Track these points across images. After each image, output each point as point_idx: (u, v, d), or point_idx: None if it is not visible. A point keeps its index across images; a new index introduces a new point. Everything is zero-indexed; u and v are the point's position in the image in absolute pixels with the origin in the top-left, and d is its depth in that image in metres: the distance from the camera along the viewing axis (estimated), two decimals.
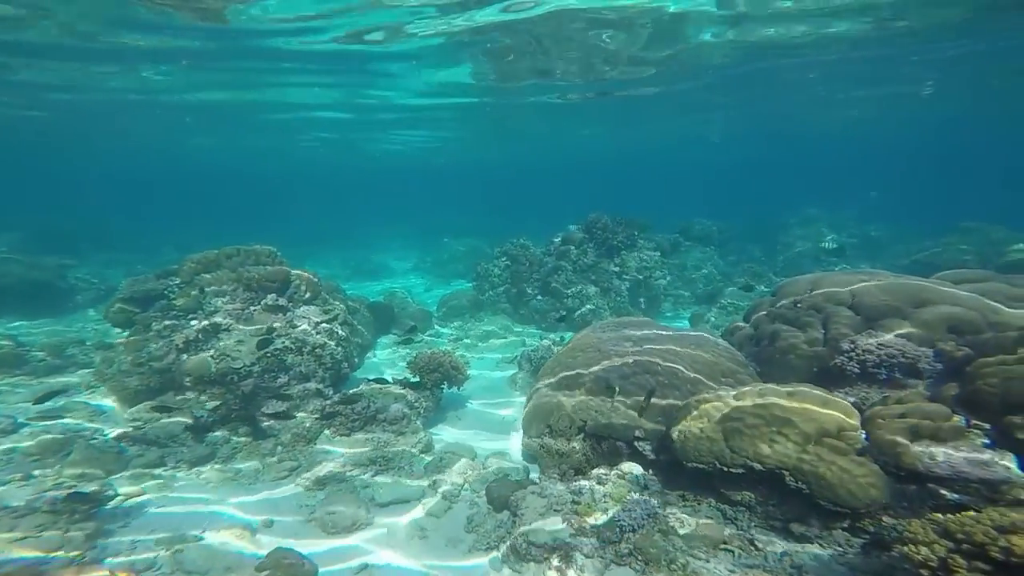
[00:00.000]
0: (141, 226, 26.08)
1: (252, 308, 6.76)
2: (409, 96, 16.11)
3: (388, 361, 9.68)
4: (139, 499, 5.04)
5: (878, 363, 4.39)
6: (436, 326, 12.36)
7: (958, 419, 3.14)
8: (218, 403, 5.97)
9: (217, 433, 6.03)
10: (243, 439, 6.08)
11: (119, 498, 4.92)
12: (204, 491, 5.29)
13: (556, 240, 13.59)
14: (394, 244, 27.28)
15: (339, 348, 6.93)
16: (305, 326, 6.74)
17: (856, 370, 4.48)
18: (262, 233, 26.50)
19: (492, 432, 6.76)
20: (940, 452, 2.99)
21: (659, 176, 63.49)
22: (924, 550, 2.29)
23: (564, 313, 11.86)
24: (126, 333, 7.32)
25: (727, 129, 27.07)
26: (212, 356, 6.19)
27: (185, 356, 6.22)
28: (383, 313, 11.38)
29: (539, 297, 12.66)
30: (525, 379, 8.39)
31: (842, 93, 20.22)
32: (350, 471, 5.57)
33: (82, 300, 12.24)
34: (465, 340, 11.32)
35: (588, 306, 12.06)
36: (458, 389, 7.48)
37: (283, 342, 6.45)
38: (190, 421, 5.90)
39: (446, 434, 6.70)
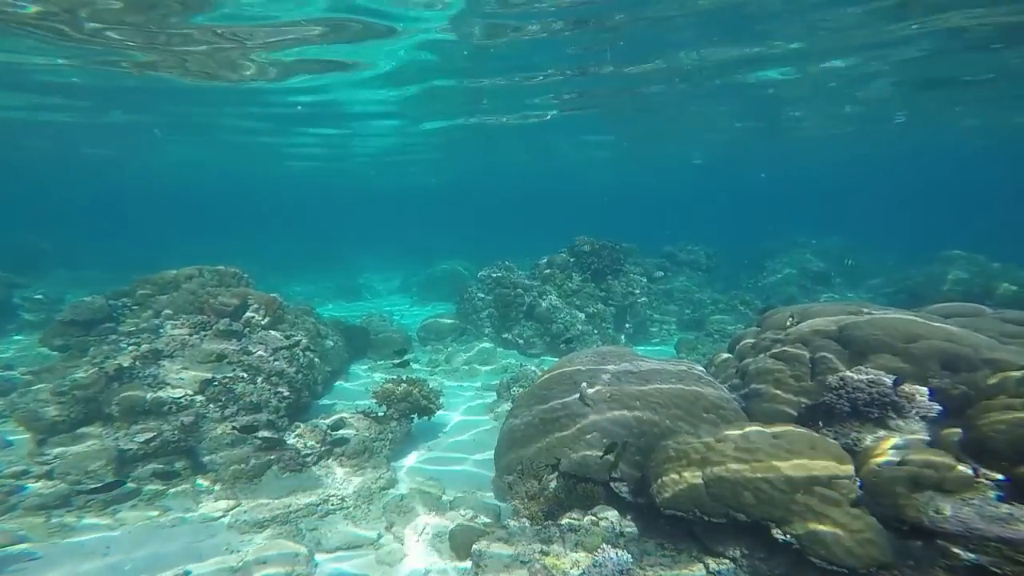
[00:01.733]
0: (118, 245, 25.44)
1: (203, 333, 6.30)
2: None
3: (361, 388, 9.18)
4: (10, 551, 4.32)
5: (869, 401, 4.09)
6: (415, 350, 11.91)
7: (964, 468, 2.83)
8: (151, 435, 5.43)
9: (148, 467, 5.47)
10: (179, 473, 5.53)
11: None
12: (108, 538, 4.64)
13: (541, 263, 13.36)
14: (380, 265, 26.92)
15: (299, 376, 6.47)
16: (261, 352, 6.29)
17: (847, 408, 4.17)
18: (245, 254, 26.05)
19: (465, 466, 6.30)
20: (947, 506, 2.66)
21: (647, 202, 64.42)
22: None
23: (570, 336, 11.51)
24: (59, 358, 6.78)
25: (711, 151, 27.50)
26: (149, 385, 5.69)
27: (116, 384, 5.70)
28: (358, 337, 10.92)
29: (523, 322, 12.32)
30: (504, 407, 7.96)
31: (821, 130, 20.73)
32: (295, 511, 5.06)
33: (30, 320, 11.55)
34: (444, 365, 10.88)
35: (573, 332, 11.74)
36: (429, 419, 7.03)
37: (233, 370, 5.99)
38: (113, 454, 5.33)
39: (414, 469, 6.22)
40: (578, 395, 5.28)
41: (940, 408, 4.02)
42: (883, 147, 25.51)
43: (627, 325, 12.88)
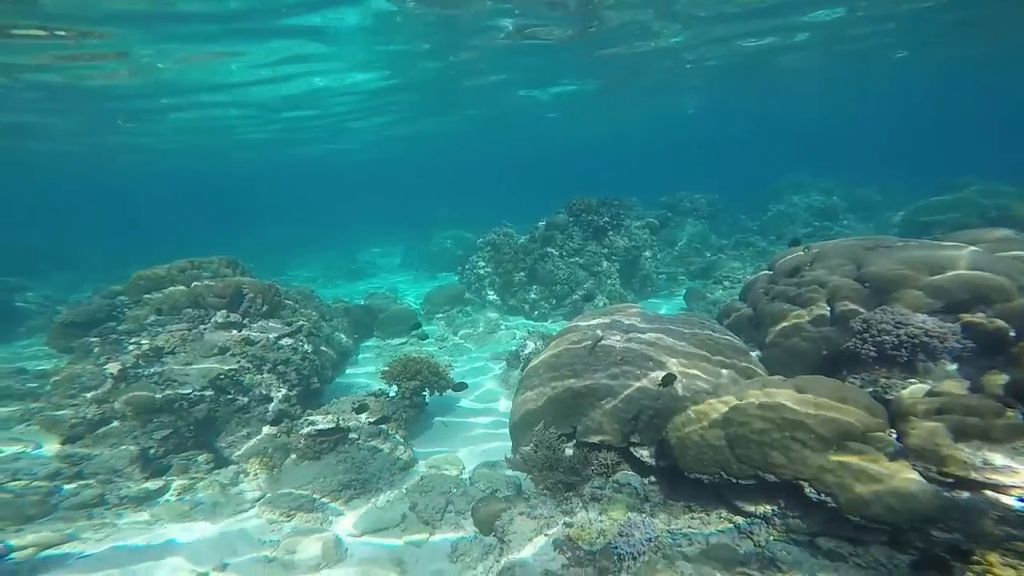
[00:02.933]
0: (111, 243, 25.15)
1: (202, 327, 6.15)
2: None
3: (371, 368, 9.13)
4: (61, 549, 4.46)
5: (897, 344, 3.88)
6: (423, 325, 11.80)
7: (1012, 413, 2.65)
8: (167, 432, 5.40)
9: (171, 464, 5.49)
10: (201, 469, 5.54)
11: (28, 551, 4.35)
12: (149, 532, 4.75)
13: (540, 226, 12.99)
14: (379, 241, 26.60)
15: (305, 363, 6.35)
16: (263, 342, 6.15)
17: (872, 353, 3.97)
18: (240, 241, 25.70)
19: (481, 440, 6.27)
20: (997, 456, 2.50)
21: (644, 154, 62.65)
22: None
23: (583, 294, 11.34)
24: (66, 361, 6.70)
25: (704, 100, 26.29)
26: (156, 383, 5.60)
27: (123, 385, 5.63)
28: (364, 317, 10.79)
29: (527, 286, 12.12)
30: (515, 376, 7.88)
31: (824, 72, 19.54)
32: (320, 498, 5.05)
33: (36, 324, 11.50)
34: (452, 337, 10.79)
35: (579, 292, 11.55)
36: (440, 395, 6.96)
37: (238, 361, 5.87)
38: (136, 453, 5.33)
39: (430, 447, 6.19)
40: (589, 360, 5.13)
41: (974, 346, 3.82)
42: (885, 78, 24.22)
43: (633, 280, 12.65)
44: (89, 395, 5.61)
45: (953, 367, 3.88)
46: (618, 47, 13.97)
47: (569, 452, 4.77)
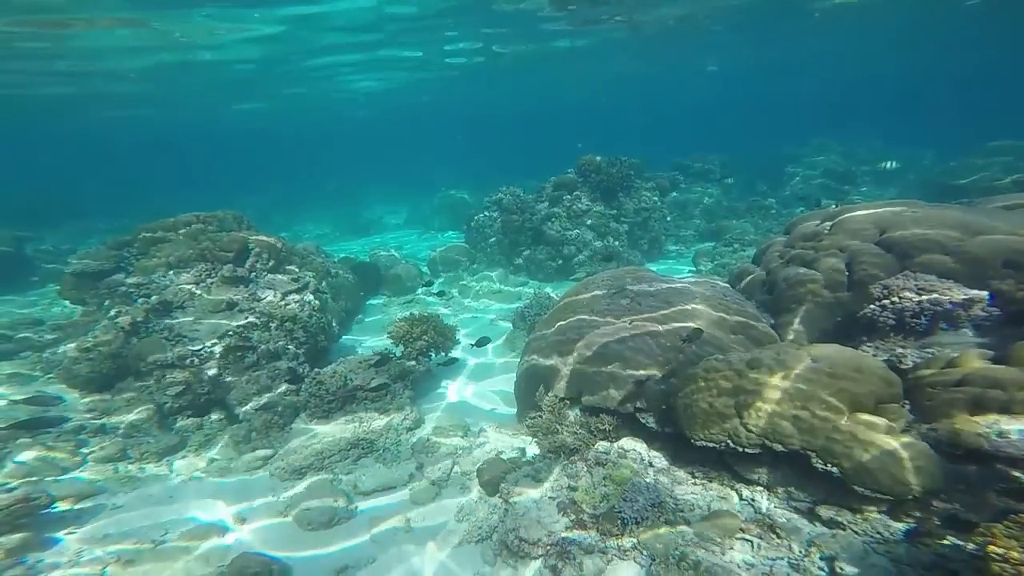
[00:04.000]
0: (120, 191, 24.97)
1: (209, 281, 6.11)
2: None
3: (377, 325, 9.13)
4: (93, 500, 4.66)
5: (918, 311, 3.74)
6: (432, 282, 11.76)
7: None
8: (181, 388, 5.48)
9: (186, 420, 5.61)
10: (215, 425, 5.66)
11: (68, 501, 4.54)
12: (170, 485, 4.92)
13: (547, 185, 12.63)
14: (386, 198, 26.19)
15: (312, 319, 6.34)
16: (270, 298, 6.12)
17: (891, 321, 3.84)
18: (247, 195, 25.39)
19: (487, 401, 6.32)
20: (1013, 428, 2.43)
21: (658, 113, 60.15)
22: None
23: (610, 252, 11.18)
24: (79, 311, 6.75)
25: (726, 56, 24.75)
26: (167, 338, 5.63)
27: (135, 340, 5.66)
28: (369, 273, 10.73)
29: (533, 246, 11.94)
30: (521, 337, 7.87)
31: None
32: (329, 457, 5.16)
33: (47, 273, 11.57)
34: (457, 297, 10.75)
35: (585, 253, 11.37)
36: (447, 354, 6.97)
37: (246, 317, 5.86)
38: (152, 409, 5.44)
39: (436, 407, 6.26)
40: (597, 323, 5.05)
41: (1000, 314, 3.68)
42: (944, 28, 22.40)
43: (642, 242, 12.41)
44: (104, 349, 5.66)
45: (973, 336, 3.76)
46: None
47: (574, 416, 4.79)
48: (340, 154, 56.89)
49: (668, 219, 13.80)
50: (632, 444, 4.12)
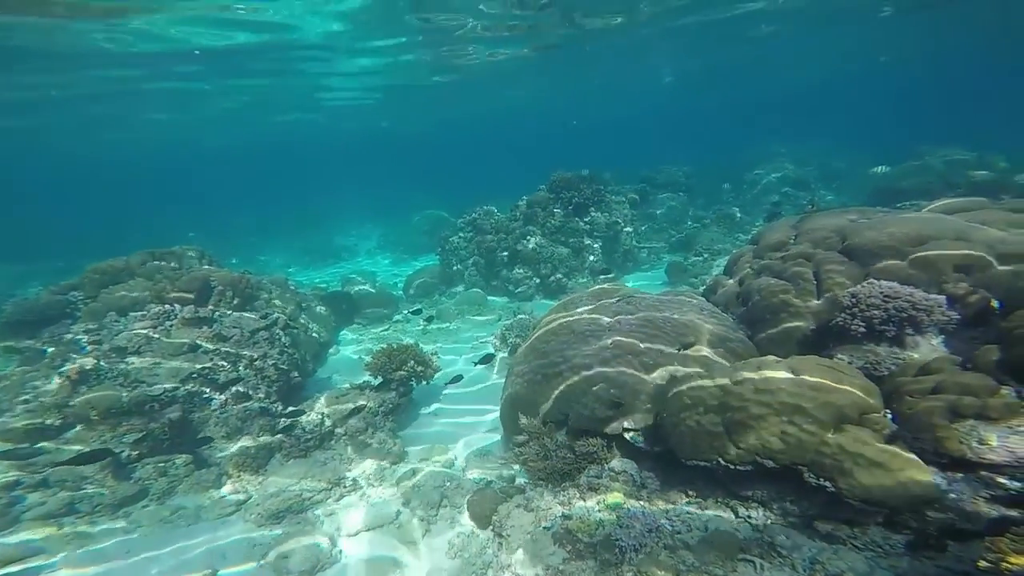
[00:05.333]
0: (65, 231, 23.68)
1: (167, 324, 5.80)
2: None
3: (354, 356, 8.90)
4: (27, 564, 4.23)
5: (886, 318, 3.89)
6: (404, 309, 11.56)
7: (1007, 391, 2.67)
8: (140, 435, 5.13)
9: (147, 467, 5.23)
10: (181, 470, 5.31)
11: None
12: (128, 540, 4.54)
13: (521, 204, 12.74)
14: (356, 223, 25.79)
15: (283, 356, 6.10)
16: (237, 337, 5.85)
17: (862, 328, 3.97)
18: (210, 227, 24.50)
19: (471, 428, 6.18)
20: (993, 435, 2.52)
21: (620, 128, 62.01)
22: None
23: (605, 267, 11.33)
24: (13, 364, 6.26)
25: (679, 68, 25.87)
26: (121, 384, 5.28)
27: (84, 388, 5.29)
28: (342, 303, 10.47)
29: (510, 266, 11.94)
30: (504, 360, 7.80)
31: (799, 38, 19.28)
32: (309, 497, 4.92)
33: None
34: (436, 321, 10.59)
35: (562, 270, 11.46)
36: (428, 383, 6.82)
37: (211, 359, 5.59)
38: (107, 458, 5.04)
39: (419, 438, 6.08)
40: (579, 343, 5.04)
41: (959, 317, 3.87)
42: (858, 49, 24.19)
43: (615, 255, 12.61)
44: (47, 400, 5.25)
45: (939, 340, 3.93)
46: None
47: (562, 440, 4.73)
48: (307, 178, 55.96)
49: (640, 231, 14.11)
50: (623, 466, 4.08)
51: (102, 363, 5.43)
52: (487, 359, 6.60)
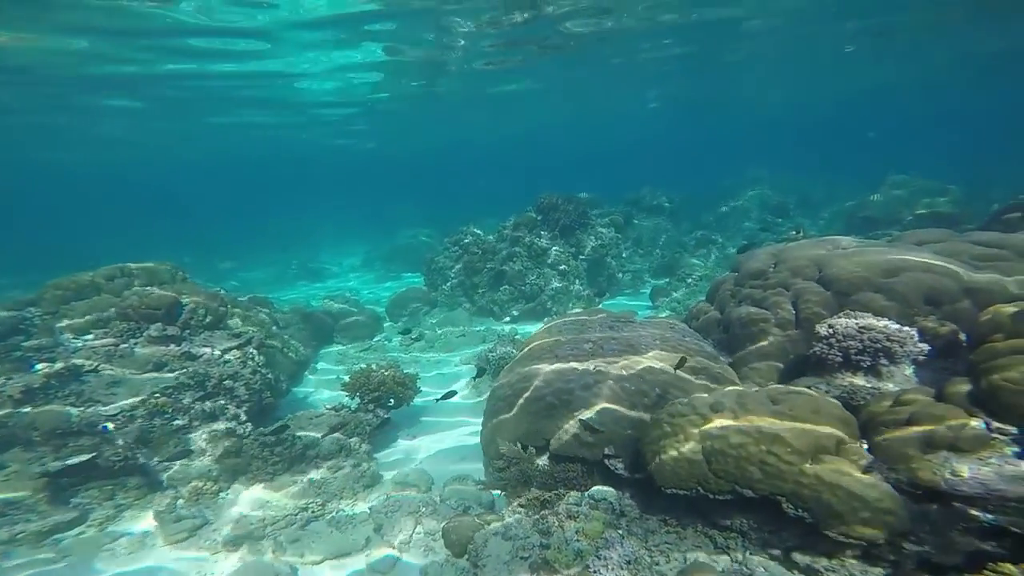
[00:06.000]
0: (25, 245, 22.91)
1: (132, 341, 5.59)
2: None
3: (332, 377, 8.68)
4: None
5: (861, 349, 3.96)
6: (386, 329, 11.40)
7: (976, 423, 2.71)
8: (88, 456, 4.84)
9: (89, 492, 4.93)
10: (132, 494, 5.03)
11: None
12: (52, 569, 4.20)
13: (507, 225, 12.80)
14: (340, 240, 25.62)
15: (256, 376, 5.91)
16: (208, 355, 5.67)
17: (839, 358, 4.04)
18: (191, 242, 23.98)
19: (451, 453, 6.03)
20: (965, 467, 2.55)
21: (606, 151, 63.40)
22: None
23: (601, 289, 11.40)
24: None
25: (665, 94, 26.71)
26: (73, 404, 5.04)
27: (28, 408, 5.01)
28: (322, 322, 10.28)
29: (495, 287, 11.92)
30: (486, 382, 7.69)
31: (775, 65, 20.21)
32: (273, 524, 4.70)
33: None
34: (418, 341, 10.45)
35: (548, 292, 11.47)
36: (408, 404, 6.68)
37: (176, 378, 5.39)
38: (42, 481, 4.73)
39: (396, 461, 5.91)
40: (561, 369, 5.00)
41: (930, 349, 3.96)
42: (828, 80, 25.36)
43: (600, 279, 12.70)
44: None
45: (911, 371, 4.00)
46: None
47: (542, 466, 4.64)
48: (293, 193, 55.59)
49: (624, 255, 14.26)
50: (603, 493, 4.01)
51: (53, 382, 5.17)
52: (448, 395, 6.50)
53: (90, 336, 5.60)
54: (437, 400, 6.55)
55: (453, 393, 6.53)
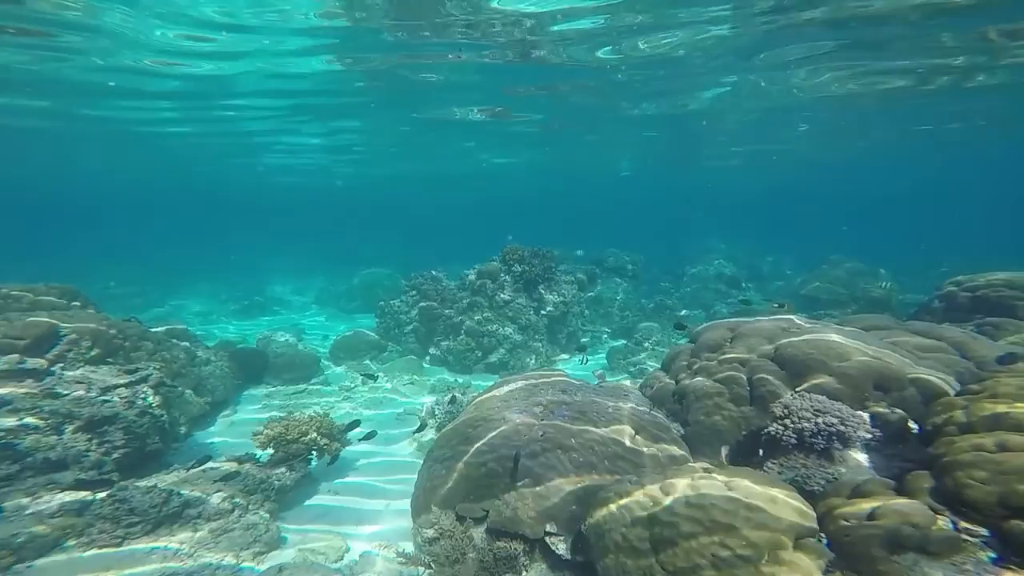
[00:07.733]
0: None
1: None
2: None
3: (252, 420, 7.73)
4: None
5: (815, 432, 3.82)
6: (326, 372, 10.58)
7: (943, 522, 2.51)
8: None
9: None
10: None
11: None
12: None
13: (471, 273, 12.52)
14: (294, 274, 24.49)
15: (143, 419, 5.10)
16: (78, 394, 4.86)
17: (793, 440, 3.87)
18: (116, 263, 22.09)
19: (377, 518, 5.31)
20: (938, 574, 2.31)
21: (572, 209, 65.77)
22: None
23: (584, 342, 10.93)
24: None
25: (639, 161, 28.30)
26: None
27: None
28: (252, 360, 9.38)
29: (452, 336, 11.44)
30: (429, 435, 7.07)
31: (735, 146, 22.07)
32: None
33: None
34: (360, 388, 9.70)
35: (506, 347, 11.08)
36: (332, 459, 5.97)
37: (21, 418, 4.54)
38: None
39: (308, 525, 5.13)
40: (507, 433, 4.58)
41: (881, 435, 3.87)
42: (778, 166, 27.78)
43: (560, 335, 12.48)
44: None
45: (864, 456, 3.87)
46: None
47: (480, 539, 4.10)
48: (244, 220, 53.51)
49: (585, 314, 14.19)
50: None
51: None
52: (369, 435, 5.96)
53: None
54: (359, 440, 5.91)
55: (374, 433, 5.92)
